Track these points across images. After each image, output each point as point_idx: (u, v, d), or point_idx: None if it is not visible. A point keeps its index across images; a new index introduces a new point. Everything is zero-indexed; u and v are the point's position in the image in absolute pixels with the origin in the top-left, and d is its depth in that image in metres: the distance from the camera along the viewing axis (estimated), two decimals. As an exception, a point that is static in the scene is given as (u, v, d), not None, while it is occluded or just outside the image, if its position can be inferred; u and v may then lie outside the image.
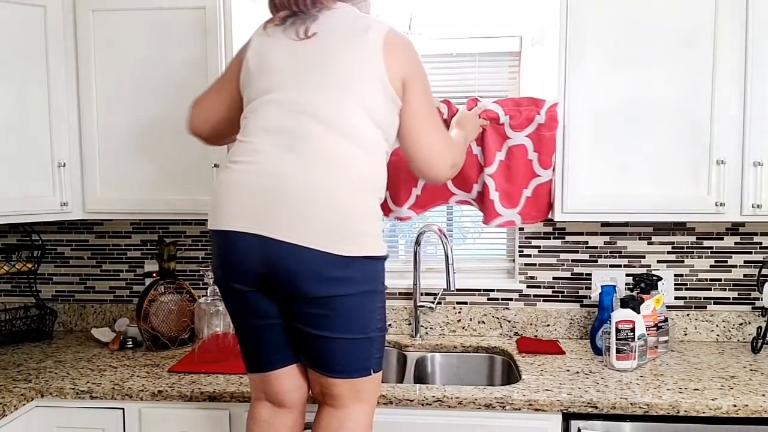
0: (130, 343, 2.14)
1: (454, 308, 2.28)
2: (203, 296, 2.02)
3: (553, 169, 1.91)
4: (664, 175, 1.86)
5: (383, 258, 1.34)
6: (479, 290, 2.28)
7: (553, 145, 1.89)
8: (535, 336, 2.24)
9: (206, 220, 2.30)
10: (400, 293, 2.30)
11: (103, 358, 2.04)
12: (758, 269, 2.16)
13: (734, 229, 2.18)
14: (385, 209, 2.02)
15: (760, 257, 2.18)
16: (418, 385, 1.77)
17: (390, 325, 2.29)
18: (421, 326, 2.27)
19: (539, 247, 2.25)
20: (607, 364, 1.88)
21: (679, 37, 1.82)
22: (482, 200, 1.98)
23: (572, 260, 2.24)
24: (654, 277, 2.07)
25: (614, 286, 2.09)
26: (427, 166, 1.44)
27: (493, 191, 1.95)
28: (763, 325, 2.10)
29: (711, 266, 2.19)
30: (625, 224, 2.19)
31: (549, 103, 1.86)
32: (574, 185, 1.88)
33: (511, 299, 2.27)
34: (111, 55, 1.98)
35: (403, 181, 1.99)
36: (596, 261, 2.22)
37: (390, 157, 1.49)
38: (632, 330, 1.84)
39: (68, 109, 1.99)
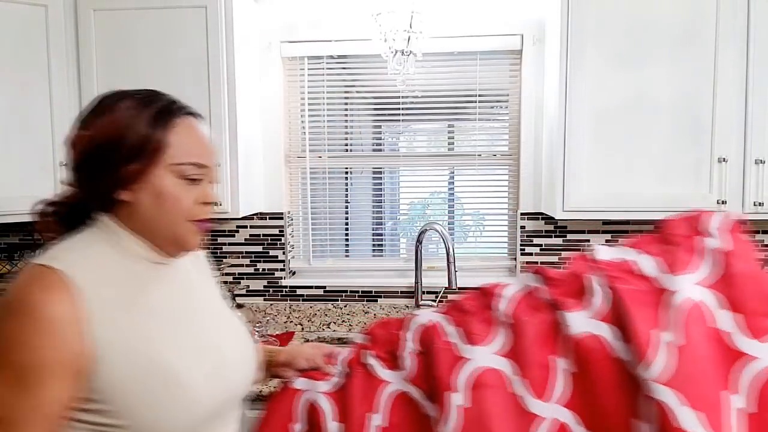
0: (132, 342, 2.14)
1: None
2: (205, 295, 2.02)
3: None
4: (666, 173, 1.85)
5: None
6: (481, 289, 2.28)
7: (763, 287, 0.93)
8: (537, 334, 2.24)
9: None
10: (401, 292, 2.30)
11: (105, 357, 2.04)
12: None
13: (736, 227, 2.17)
14: None
15: (762, 255, 2.17)
16: (419, 383, 1.76)
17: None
18: (423, 325, 2.27)
19: (540, 245, 2.24)
20: (609, 363, 1.87)
21: (681, 34, 1.82)
22: None
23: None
24: (655, 276, 2.06)
25: (616, 285, 2.08)
26: None
27: (680, 407, 0.84)
28: (765, 323, 2.09)
29: (713, 264, 2.19)
30: (627, 222, 2.19)
31: (718, 215, 1.02)
32: (575, 183, 1.88)
33: (512, 297, 2.26)
34: (112, 54, 1.98)
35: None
36: (598, 259, 2.22)
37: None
38: (634, 328, 1.83)
39: (70, 108, 1.99)
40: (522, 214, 2.24)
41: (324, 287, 2.33)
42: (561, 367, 0.95)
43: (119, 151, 0.86)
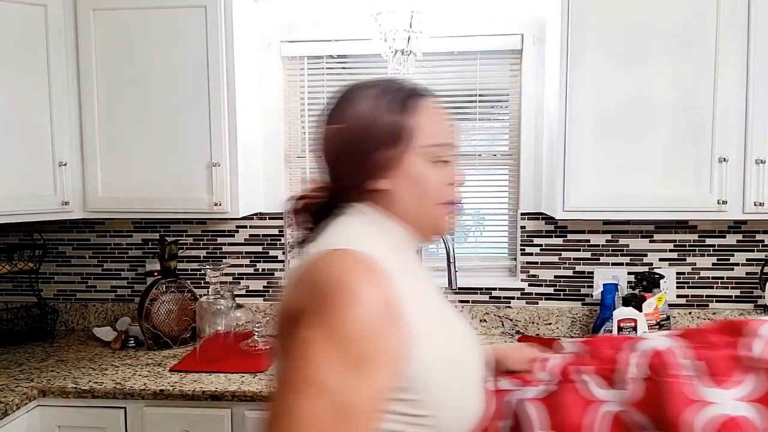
0: (132, 342, 2.14)
1: (456, 306, 2.27)
2: (204, 295, 2.02)
3: None
4: (666, 173, 1.85)
5: None
6: (481, 289, 2.28)
7: None
8: (537, 334, 2.24)
9: (207, 219, 2.31)
10: (401, 292, 2.29)
11: (105, 357, 2.04)
12: (760, 267, 2.16)
13: (736, 227, 2.17)
14: None
15: (762, 255, 2.17)
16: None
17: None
18: (423, 325, 2.26)
19: (541, 245, 2.24)
20: (609, 363, 1.86)
21: (681, 34, 1.81)
22: None
23: (574, 258, 2.23)
24: (656, 276, 2.06)
25: (616, 285, 2.08)
26: None
27: None
28: (766, 323, 2.09)
29: (713, 264, 2.19)
30: (627, 222, 2.19)
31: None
32: (576, 183, 1.88)
33: (512, 298, 2.27)
34: (112, 54, 1.98)
35: None
36: (598, 259, 2.22)
37: None
38: (634, 328, 1.84)
39: (69, 108, 1.99)
40: (522, 214, 2.24)
41: (324, 287, 2.32)
42: None
43: (373, 140, 0.86)
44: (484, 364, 0.94)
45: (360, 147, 0.87)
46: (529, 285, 2.26)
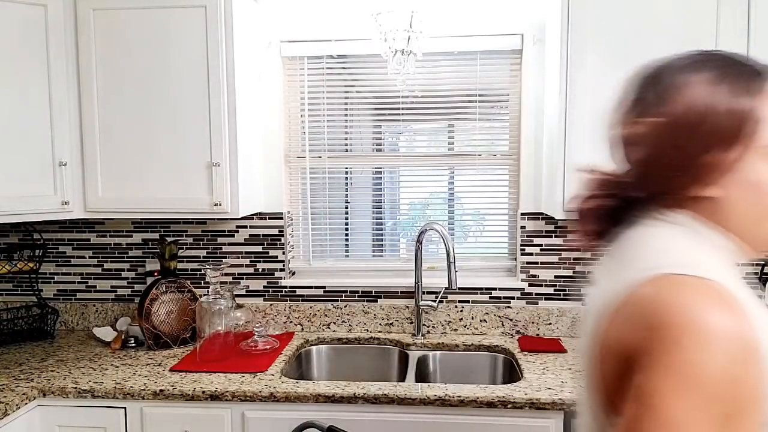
0: (132, 342, 2.14)
1: (456, 307, 2.27)
2: (204, 295, 2.02)
3: None
4: (666, 173, 1.85)
5: None
6: (481, 289, 2.28)
7: None
8: (537, 334, 2.24)
9: (207, 218, 2.31)
10: (401, 292, 2.29)
11: (105, 357, 2.04)
12: (760, 267, 2.16)
13: (736, 227, 2.17)
14: None
15: (762, 255, 2.17)
16: (419, 383, 1.77)
17: (391, 323, 2.29)
18: (423, 325, 2.27)
19: (541, 245, 2.24)
20: (610, 363, 1.86)
21: (681, 34, 1.81)
22: None
23: (574, 258, 2.23)
24: (656, 276, 2.06)
25: (616, 285, 2.08)
26: None
27: None
28: (766, 323, 2.09)
29: (713, 264, 2.18)
30: (627, 222, 2.18)
31: None
32: (576, 183, 1.87)
33: (512, 298, 2.27)
34: (112, 54, 1.98)
35: None
36: (598, 259, 2.22)
37: None
38: (634, 328, 1.84)
39: (69, 108, 1.99)
40: (522, 214, 2.24)
41: (324, 287, 2.33)
42: None
43: (706, 138, 0.71)
44: None
45: (688, 147, 0.71)
46: (529, 285, 2.26)
